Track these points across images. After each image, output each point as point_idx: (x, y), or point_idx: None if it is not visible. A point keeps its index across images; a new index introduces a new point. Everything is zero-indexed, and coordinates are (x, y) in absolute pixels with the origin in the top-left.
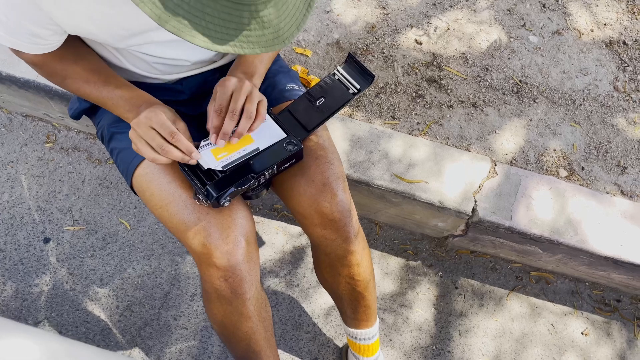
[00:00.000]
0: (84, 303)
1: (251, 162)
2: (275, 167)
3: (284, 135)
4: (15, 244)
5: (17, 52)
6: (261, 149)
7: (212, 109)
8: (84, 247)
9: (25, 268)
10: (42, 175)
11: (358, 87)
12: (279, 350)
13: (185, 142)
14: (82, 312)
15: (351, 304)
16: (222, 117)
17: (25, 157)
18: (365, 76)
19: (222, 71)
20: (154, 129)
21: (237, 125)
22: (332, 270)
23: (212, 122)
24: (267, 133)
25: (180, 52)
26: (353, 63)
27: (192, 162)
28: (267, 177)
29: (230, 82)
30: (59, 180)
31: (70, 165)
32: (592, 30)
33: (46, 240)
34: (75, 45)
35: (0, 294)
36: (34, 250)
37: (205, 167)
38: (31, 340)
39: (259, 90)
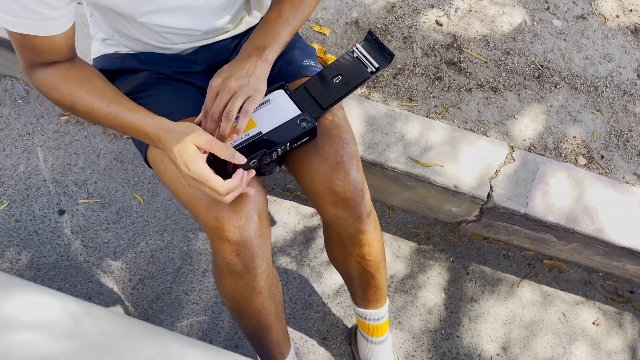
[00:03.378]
0: (97, 275)
1: (264, 137)
2: (288, 144)
3: (298, 112)
4: (30, 214)
5: (29, 69)
6: (264, 132)
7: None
8: (98, 220)
9: (40, 239)
10: (58, 147)
11: (377, 65)
12: (288, 329)
13: (236, 182)
14: (96, 284)
15: (361, 284)
16: (207, 119)
17: (41, 129)
18: (385, 55)
19: (238, 42)
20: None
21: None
22: (343, 249)
23: (201, 121)
24: (282, 109)
25: (191, 22)
26: (373, 41)
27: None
28: (280, 153)
29: (215, 82)
30: (75, 153)
31: (85, 139)
32: (617, 16)
33: (61, 212)
34: (81, 68)
35: (15, 263)
36: (49, 221)
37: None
38: (52, 299)
39: (274, 66)
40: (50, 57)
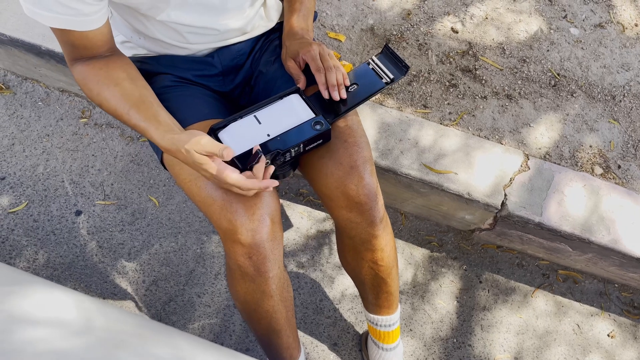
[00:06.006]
0: (112, 276)
1: (278, 138)
2: (302, 146)
3: (312, 115)
4: (48, 215)
5: (69, 64)
6: (278, 134)
7: (293, 66)
8: (113, 221)
9: (57, 239)
10: (76, 149)
11: (391, 77)
12: (298, 333)
13: (257, 183)
14: (110, 285)
15: (373, 290)
16: (324, 74)
17: (60, 131)
18: (400, 67)
19: (253, 46)
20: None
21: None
22: (356, 254)
23: (319, 80)
24: (296, 112)
25: (208, 20)
26: (389, 54)
27: (275, 184)
28: (293, 154)
29: (314, 49)
30: (92, 155)
31: (103, 141)
32: (636, 25)
33: (78, 213)
34: (114, 67)
35: (32, 262)
36: (66, 222)
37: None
38: (66, 297)
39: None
40: (88, 53)
